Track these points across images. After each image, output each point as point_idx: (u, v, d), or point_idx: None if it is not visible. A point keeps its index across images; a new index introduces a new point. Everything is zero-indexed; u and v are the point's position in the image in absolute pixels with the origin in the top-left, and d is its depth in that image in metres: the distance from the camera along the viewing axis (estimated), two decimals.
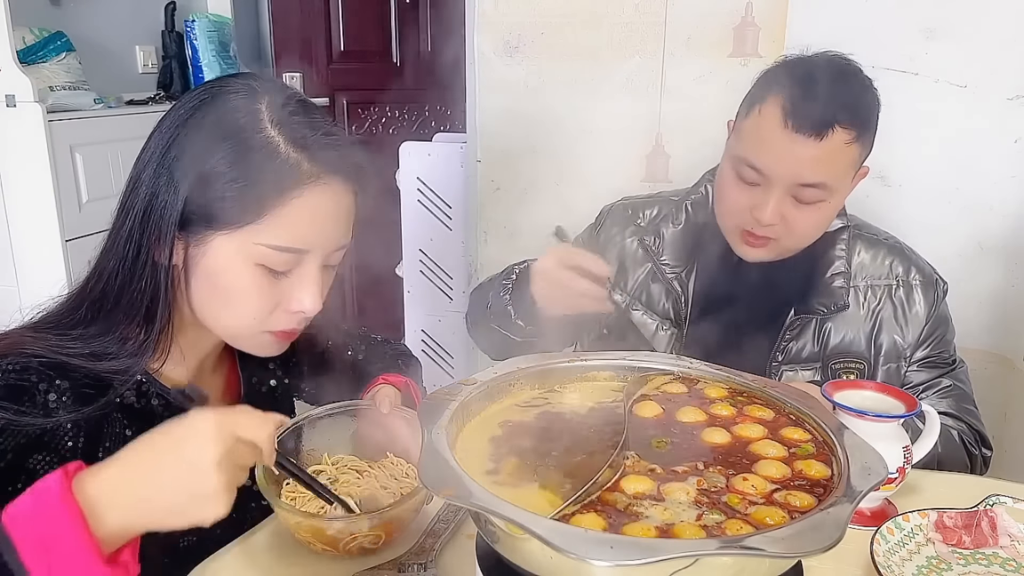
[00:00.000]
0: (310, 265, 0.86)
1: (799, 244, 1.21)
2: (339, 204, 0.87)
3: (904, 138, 1.72)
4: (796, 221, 1.15)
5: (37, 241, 2.30)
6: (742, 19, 1.79)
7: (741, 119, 1.19)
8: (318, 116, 0.88)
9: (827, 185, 1.12)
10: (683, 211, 1.34)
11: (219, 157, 0.81)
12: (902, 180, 1.75)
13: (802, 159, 1.10)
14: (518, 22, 1.90)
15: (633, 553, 0.53)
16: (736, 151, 1.18)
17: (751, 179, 1.15)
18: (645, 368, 0.88)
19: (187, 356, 0.92)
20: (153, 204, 0.83)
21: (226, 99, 0.84)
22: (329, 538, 0.84)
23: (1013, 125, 1.65)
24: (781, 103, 1.11)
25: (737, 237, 1.21)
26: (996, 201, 1.69)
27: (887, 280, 1.27)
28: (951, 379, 1.26)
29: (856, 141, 1.11)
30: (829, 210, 1.17)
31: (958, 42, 1.65)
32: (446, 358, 2.55)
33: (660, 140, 1.90)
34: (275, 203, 0.82)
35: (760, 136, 1.13)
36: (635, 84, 1.88)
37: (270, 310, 0.86)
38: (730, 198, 1.19)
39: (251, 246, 0.82)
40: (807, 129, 1.09)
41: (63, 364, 0.81)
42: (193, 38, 3.13)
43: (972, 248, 1.72)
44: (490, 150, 2.01)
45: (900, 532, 0.87)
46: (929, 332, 1.26)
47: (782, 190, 1.13)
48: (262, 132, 0.82)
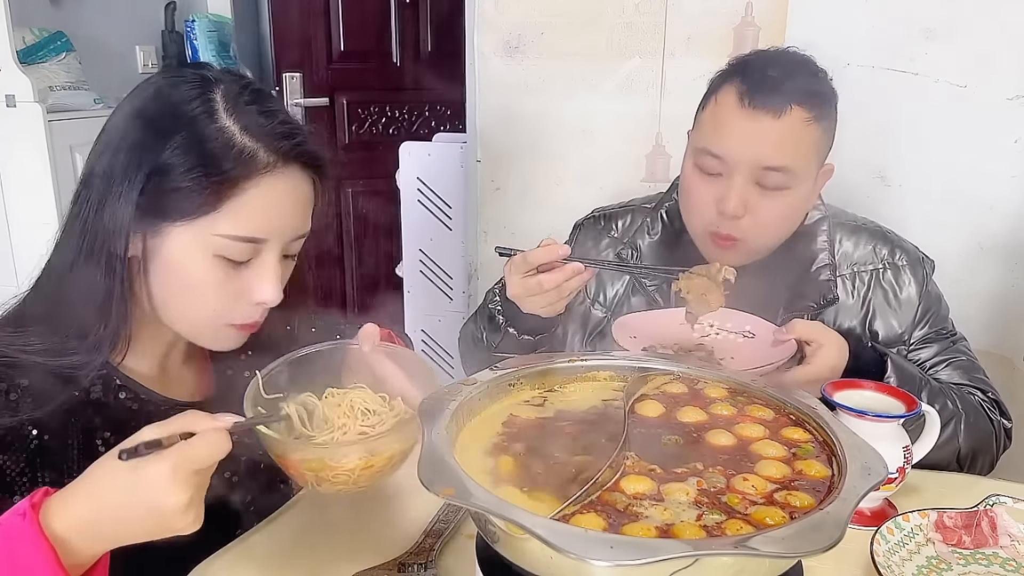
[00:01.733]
0: (269, 255, 0.85)
1: (766, 241, 1.19)
2: (297, 193, 0.87)
3: (904, 138, 1.73)
4: (761, 212, 1.14)
5: (37, 241, 2.29)
6: (742, 19, 1.79)
7: (698, 114, 1.20)
8: (274, 105, 0.87)
9: (790, 168, 1.12)
10: (659, 220, 1.33)
11: (174, 147, 0.81)
12: (902, 180, 1.75)
13: (761, 138, 1.10)
14: (518, 22, 1.90)
15: (633, 553, 0.53)
16: (696, 143, 1.18)
17: (713, 169, 1.15)
18: (645, 368, 0.88)
19: (151, 348, 0.92)
20: (108, 196, 0.82)
21: (180, 89, 0.84)
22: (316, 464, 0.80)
23: (1013, 125, 1.65)
24: (736, 87, 1.12)
25: (707, 240, 1.20)
26: (996, 201, 1.69)
27: (873, 265, 1.26)
28: (956, 351, 1.25)
29: (816, 122, 1.11)
30: (794, 200, 1.16)
31: (958, 42, 1.65)
32: (446, 358, 2.55)
33: (660, 140, 1.90)
34: (232, 193, 0.81)
35: (718, 122, 1.14)
36: (635, 84, 1.88)
37: (230, 302, 0.86)
38: (694, 195, 1.19)
39: (209, 237, 0.82)
40: (764, 106, 1.09)
41: (20, 362, 0.81)
42: (193, 38, 3.13)
43: (972, 248, 1.72)
44: (490, 150, 2.01)
45: (900, 532, 0.87)
46: (924, 311, 1.25)
47: (745, 176, 1.12)
48: (217, 122, 0.82)
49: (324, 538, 0.92)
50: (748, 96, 1.10)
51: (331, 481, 0.79)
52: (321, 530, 0.94)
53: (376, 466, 0.80)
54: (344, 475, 0.78)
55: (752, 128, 1.10)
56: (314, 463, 0.77)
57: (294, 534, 0.93)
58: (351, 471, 0.78)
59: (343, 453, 0.78)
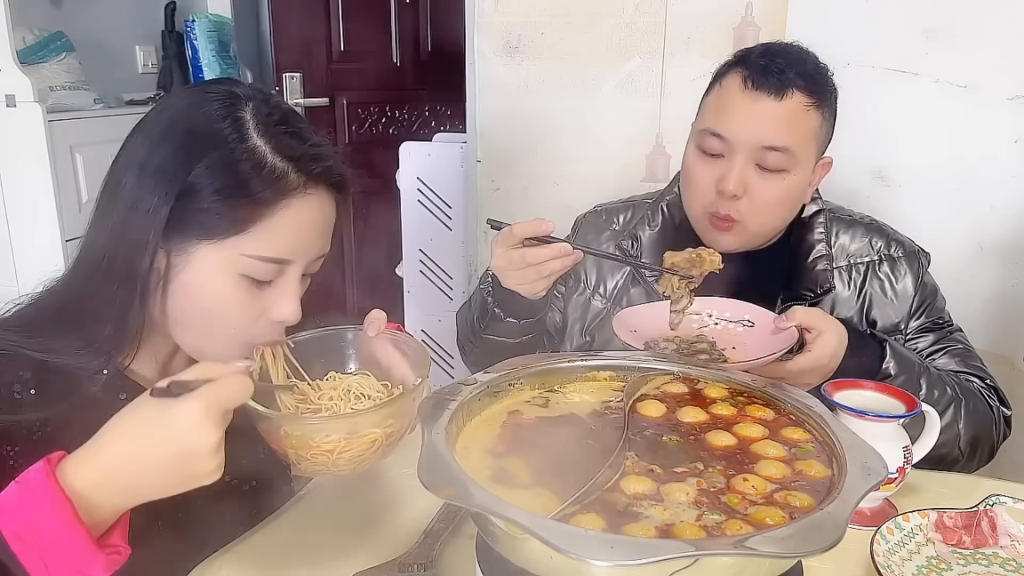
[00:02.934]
0: (292, 275, 0.86)
1: (764, 225, 1.21)
2: (324, 214, 0.87)
3: (904, 138, 1.73)
4: (760, 192, 1.16)
5: (37, 241, 2.30)
6: (742, 19, 1.79)
7: (703, 100, 1.23)
8: (303, 125, 0.88)
9: (789, 150, 1.14)
10: (659, 213, 1.34)
11: (205, 167, 0.80)
12: (902, 180, 1.75)
13: (763, 118, 1.14)
14: (518, 22, 1.90)
15: (633, 553, 0.53)
16: (699, 125, 1.21)
17: (715, 149, 1.17)
18: (645, 368, 0.88)
19: (156, 353, 0.92)
20: (135, 212, 0.82)
21: (210, 106, 0.83)
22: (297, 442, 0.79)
23: (1013, 125, 1.65)
24: (741, 72, 1.16)
25: (706, 223, 1.22)
26: (996, 201, 1.69)
27: (869, 257, 1.27)
28: (953, 340, 1.26)
29: (816, 108, 1.15)
30: (793, 184, 1.18)
31: (958, 42, 1.65)
32: (446, 358, 2.55)
33: (660, 140, 1.90)
34: (263, 214, 0.81)
35: (721, 103, 1.18)
36: (635, 84, 1.88)
37: (251, 321, 0.85)
38: (695, 176, 1.21)
39: (236, 257, 0.82)
40: (767, 88, 1.13)
41: (26, 357, 0.81)
42: (193, 38, 3.13)
43: (972, 248, 1.72)
44: (490, 150, 2.01)
45: (900, 532, 0.87)
46: (920, 302, 1.26)
47: (745, 155, 1.15)
48: (247, 142, 0.82)
49: (324, 538, 0.92)
50: (751, 79, 1.14)
51: (309, 460, 0.78)
52: (321, 530, 0.94)
53: (355, 450, 0.79)
54: (323, 456, 0.78)
55: (754, 109, 1.14)
56: (295, 439, 0.77)
57: (294, 534, 0.93)
58: (329, 452, 0.78)
59: (322, 431, 0.77)
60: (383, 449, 0.81)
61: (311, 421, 0.79)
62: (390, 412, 0.79)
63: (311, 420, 0.80)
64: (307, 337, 0.90)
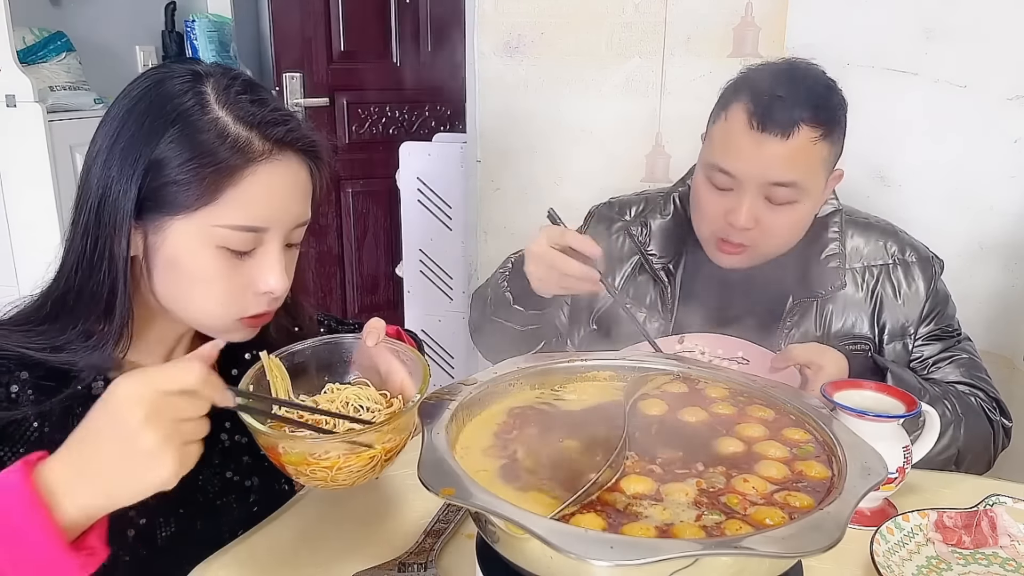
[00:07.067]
0: (272, 244, 0.85)
1: (775, 249, 1.21)
2: (295, 179, 0.87)
3: (904, 138, 1.73)
4: (771, 224, 1.16)
5: (37, 241, 2.30)
6: (742, 19, 1.79)
7: (710, 126, 1.21)
8: (265, 94, 0.88)
9: (798, 184, 1.14)
10: (671, 203, 1.35)
11: (168, 141, 0.81)
12: (902, 180, 1.75)
13: (770, 159, 1.12)
14: (518, 22, 1.90)
15: (633, 553, 0.53)
16: (707, 158, 1.20)
17: (723, 184, 1.17)
18: (645, 368, 0.88)
19: (156, 344, 0.92)
20: (106, 196, 0.82)
21: (170, 84, 0.84)
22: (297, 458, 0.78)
23: (1013, 125, 1.65)
24: (745, 106, 1.13)
25: (713, 245, 1.22)
26: (996, 201, 1.69)
27: (883, 260, 1.27)
28: (960, 349, 1.26)
29: (823, 139, 1.13)
30: (803, 211, 1.18)
31: (958, 42, 1.65)
32: (446, 358, 2.55)
33: (660, 140, 1.90)
34: (229, 182, 0.81)
35: (728, 140, 1.15)
36: (635, 84, 1.88)
37: (238, 294, 0.85)
38: (705, 205, 1.21)
39: (210, 228, 0.82)
40: (772, 129, 1.11)
41: (22, 356, 0.81)
42: (193, 38, 3.13)
43: (972, 248, 1.72)
44: (490, 150, 2.01)
45: (900, 532, 0.87)
46: (931, 308, 1.26)
47: (754, 192, 1.14)
48: (209, 113, 0.82)
49: (324, 538, 0.92)
50: (756, 118, 1.12)
51: (308, 476, 0.78)
52: (321, 530, 0.94)
53: (354, 465, 0.78)
54: (322, 471, 0.77)
55: (760, 149, 1.12)
56: (293, 456, 0.77)
57: (294, 534, 0.93)
58: (328, 468, 0.77)
59: (321, 448, 0.77)
60: (382, 464, 0.81)
61: (309, 439, 0.79)
62: (389, 429, 0.79)
63: (309, 438, 0.79)
64: (305, 347, 0.90)
